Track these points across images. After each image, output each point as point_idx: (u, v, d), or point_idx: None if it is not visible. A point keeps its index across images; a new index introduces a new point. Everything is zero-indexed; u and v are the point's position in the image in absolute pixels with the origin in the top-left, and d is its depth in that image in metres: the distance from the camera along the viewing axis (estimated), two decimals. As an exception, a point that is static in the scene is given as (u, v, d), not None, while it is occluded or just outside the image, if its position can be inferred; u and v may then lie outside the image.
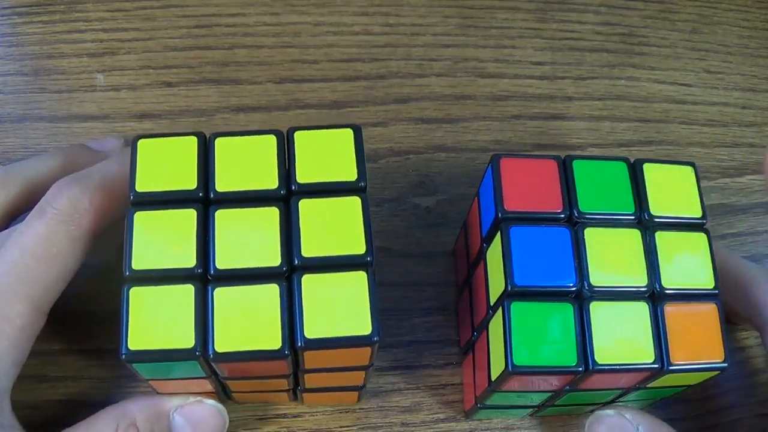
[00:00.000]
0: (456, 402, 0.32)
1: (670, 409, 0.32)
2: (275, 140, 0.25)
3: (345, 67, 0.39)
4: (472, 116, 0.38)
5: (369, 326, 0.23)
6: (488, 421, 0.32)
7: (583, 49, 0.41)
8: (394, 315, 0.33)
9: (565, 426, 0.32)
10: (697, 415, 0.33)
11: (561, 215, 0.26)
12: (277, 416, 0.31)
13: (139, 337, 0.23)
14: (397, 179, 0.36)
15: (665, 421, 0.29)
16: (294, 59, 0.39)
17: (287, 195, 0.25)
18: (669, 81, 0.41)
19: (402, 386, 0.32)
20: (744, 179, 0.38)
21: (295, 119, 0.37)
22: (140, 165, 0.25)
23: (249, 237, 0.24)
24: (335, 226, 0.24)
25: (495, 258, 0.27)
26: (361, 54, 0.39)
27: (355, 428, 0.31)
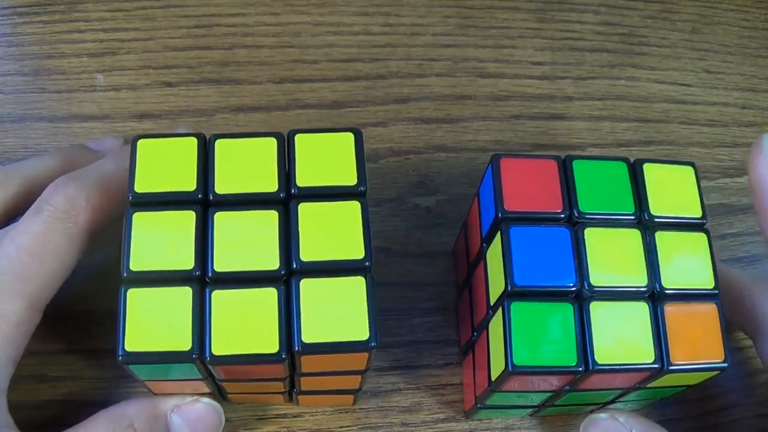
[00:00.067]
0: (456, 402, 0.32)
1: (670, 409, 0.32)
2: (275, 143, 0.25)
3: (345, 67, 0.39)
4: (472, 116, 0.38)
5: (366, 331, 0.23)
6: (488, 421, 0.32)
7: (583, 49, 0.41)
8: (394, 315, 0.33)
9: (565, 426, 0.32)
10: (697, 415, 0.33)
11: (561, 215, 0.26)
12: (277, 416, 0.31)
13: (136, 339, 0.23)
14: (397, 179, 0.36)
15: (665, 422, 0.29)
16: (294, 59, 0.39)
17: (287, 198, 0.25)
18: (669, 81, 0.41)
19: (402, 386, 0.32)
20: (744, 179, 0.38)
21: (295, 119, 0.37)
22: (140, 165, 0.25)
23: (248, 240, 0.24)
24: (334, 231, 0.24)
25: (495, 258, 0.27)
26: (361, 54, 0.39)
27: (355, 428, 0.31)
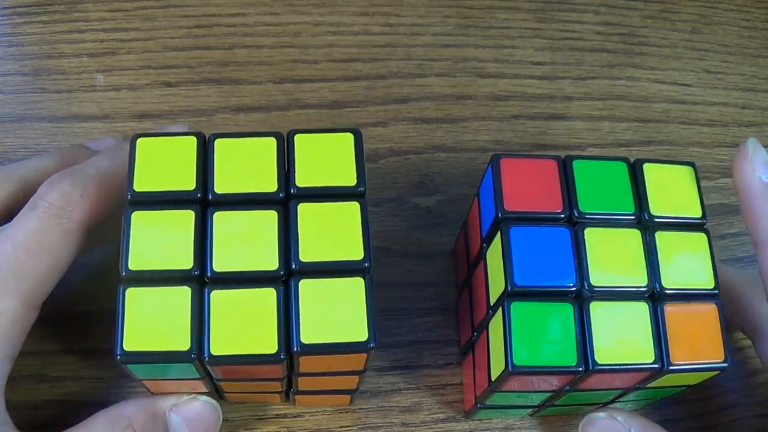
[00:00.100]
0: (456, 402, 0.32)
1: (670, 409, 0.32)
2: (275, 143, 0.25)
3: (345, 67, 0.39)
4: (472, 116, 0.38)
5: (365, 332, 0.23)
6: (488, 421, 0.32)
7: (583, 49, 0.41)
8: (394, 315, 0.33)
9: (565, 426, 0.32)
10: (697, 415, 0.32)
11: (561, 215, 0.26)
12: (277, 416, 0.31)
13: (135, 338, 0.23)
14: (397, 179, 0.36)
15: (665, 422, 0.29)
16: (294, 59, 0.39)
17: (286, 198, 0.25)
18: (669, 81, 0.41)
19: (402, 386, 0.32)
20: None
21: (295, 119, 0.37)
22: (139, 164, 0.25)
23: (247, 240, 0.24)
24: (334, 231, 0.24)
25: (495, 258, 0.27)
26: (361, 54, 0.39)
27: (355, 428, 0.31)
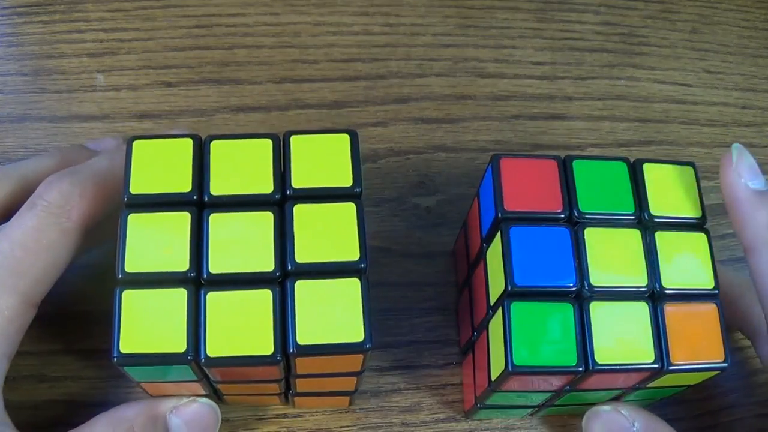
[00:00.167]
0: (456, 402, 0.32)
1: (670, 409, 0.32)
2: (271, 144, 0.25)
3: (345, 67, 0.39)
4: (472, 116, 0.38)
5: (361, 333, 0.23)
6: (488, 421, 0.32)
7: (583, 49, 0.41)
8: (394, 315, 0.33)
9: (565, 426, 0.32)
10: (697, 415, 0.33)
11: (561, 215, 0.26)
12: (277, 416, 0.31)
13: (131, 341, 0.23)
14: (397, 179, 0.36)
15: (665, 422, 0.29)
16: (294, 59, 0.39)
17: (282, 199, 0.25)
18: (669, 81, 0.41)
19: (402, 386, 0.32)
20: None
21: (295, 119, 0.37)
22: (135, 166, 0.24)
23: (243, 241, 0.24)
24: (329, 232, 0.24)
25: (495, 258, 0.27)
26: (361, 54, 0.39)
27: (355, 428, 0.31)
